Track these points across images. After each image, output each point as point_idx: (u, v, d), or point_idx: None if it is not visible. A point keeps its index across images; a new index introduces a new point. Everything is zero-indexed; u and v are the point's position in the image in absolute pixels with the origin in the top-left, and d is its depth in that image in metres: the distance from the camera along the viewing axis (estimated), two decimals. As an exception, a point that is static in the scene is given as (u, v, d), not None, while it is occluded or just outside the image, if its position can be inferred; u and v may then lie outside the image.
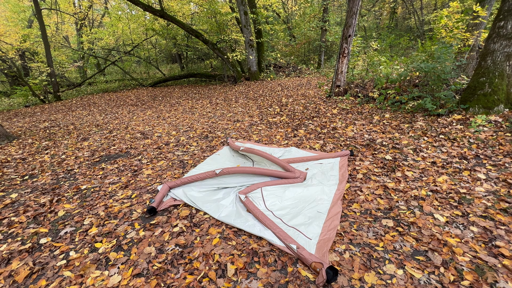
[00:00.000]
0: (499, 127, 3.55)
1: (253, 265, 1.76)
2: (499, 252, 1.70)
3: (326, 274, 1.54)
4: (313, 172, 2.98)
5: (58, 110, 8.85)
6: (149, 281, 1.66)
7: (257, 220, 2.16)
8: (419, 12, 15.03)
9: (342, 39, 6.12)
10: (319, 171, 2.96)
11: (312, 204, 2.36)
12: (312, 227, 2.06)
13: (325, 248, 1.82)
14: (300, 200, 2.44)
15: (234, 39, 11.55)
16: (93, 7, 16.79)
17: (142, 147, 4.33)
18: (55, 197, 2.81)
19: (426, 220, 2.08)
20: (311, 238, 1.94)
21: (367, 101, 5.78)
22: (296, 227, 2.07)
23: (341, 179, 2.75)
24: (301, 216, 2.21)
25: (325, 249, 1.82)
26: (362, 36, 14.32)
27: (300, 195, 2.51)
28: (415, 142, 3.57)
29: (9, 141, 5.10)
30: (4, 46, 11.50)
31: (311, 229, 2.04)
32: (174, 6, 11.60)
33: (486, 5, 5.25)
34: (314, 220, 2.14)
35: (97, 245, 2.03)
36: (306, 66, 13.15)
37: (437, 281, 1.55)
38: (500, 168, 2.71)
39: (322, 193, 2.51)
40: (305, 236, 1.96)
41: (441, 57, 4.62)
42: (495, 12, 5.43)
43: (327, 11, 11.93)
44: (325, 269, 1.57)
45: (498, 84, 3.85)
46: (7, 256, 1.93)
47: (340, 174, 2.85)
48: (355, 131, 4.21)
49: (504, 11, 3.78)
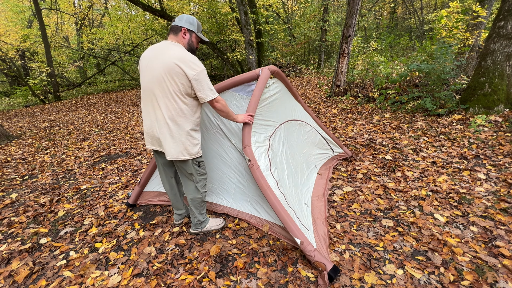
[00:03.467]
0: (499, 127, 3.55)
1: (253, 265, 1.76)
2: (499, 252, 1.70)
3: (328, 277, 1.54)
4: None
5: (58, 110, 8.86)
6: (149, 281, 1.66)
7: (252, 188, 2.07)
8: (419, 12, 15.04)
9: (342, 39, 6.13)
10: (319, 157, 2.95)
11: (304, 193, 2.28)
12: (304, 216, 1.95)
13: (324, 244, 1.79)
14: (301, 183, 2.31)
15: (234, 39, 11.55)
16: (93, 7, 16.79)
17: (142, 147, 4.33)
18: (55, 197, 2.81)
19: (426, 220, 2.08)
20: (308, 229, 1.84)
21: (367, 101, 5.79)
22: (295, 212, 1.86)
23: (323, 174, 2.73)
24: (297, 200, 2.04)
25: (324, 245, 1.78)
26: (362, 36, 14.32)
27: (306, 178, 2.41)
28: (415, 142, 3.57)
29: (9, 141, 5.10)
30: (4, 46, 11.50)
31: (305, 219, 1.91)
32: (174, 6, 11.60)
33: (486, 5, 5.25)
34: (306, 208, 2.05)
35: (97, 245, 2.03)
36: (306, 66, 13.16)
37: (437, 281, 1.55)
38: (500, 168, 2.71)
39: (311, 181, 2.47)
40: (303, 226, 1.81)
41: (441, 57, 4.62)
42: (495, 12, 5.43)
43: (327, 11, 11.94)
44: (327, 272, 1.55)
45: (498, 84, 3.85)
46: (7, 256, 1.93)
47: (324, 167, 2.86)
48: (355, 131, 4.21)
49: (504, 11, 3.79)
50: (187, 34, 1.74)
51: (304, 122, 2.70)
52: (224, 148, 2.17)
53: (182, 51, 1.64)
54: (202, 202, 2.00)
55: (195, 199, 1.95)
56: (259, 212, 2.10)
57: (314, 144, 2.87)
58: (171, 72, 1.60)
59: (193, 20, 1.76)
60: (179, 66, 1.58)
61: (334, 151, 3.10)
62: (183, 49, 1.68)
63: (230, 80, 2.07)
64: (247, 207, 2.17)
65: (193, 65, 1.61)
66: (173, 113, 1.68)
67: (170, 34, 1.75)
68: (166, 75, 1.62)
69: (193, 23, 1.75)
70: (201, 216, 2.03)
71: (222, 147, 2.18)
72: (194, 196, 1.94)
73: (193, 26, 1.75)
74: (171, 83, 1.62)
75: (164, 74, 1.62)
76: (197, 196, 1.94)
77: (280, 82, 2.38)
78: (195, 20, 1.77)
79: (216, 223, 2.14)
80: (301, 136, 2.68)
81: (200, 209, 2.01)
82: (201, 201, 1.98)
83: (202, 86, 1.64)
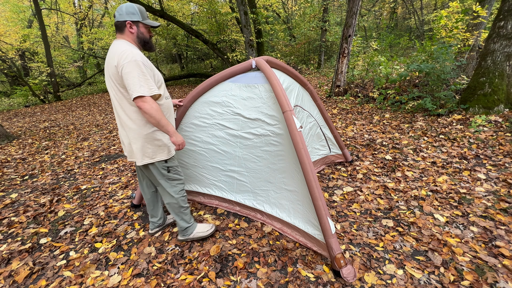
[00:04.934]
0: (499, 127, 3.55)
1: (253, 265, 1.76)
2: (499, 252, 1.70)
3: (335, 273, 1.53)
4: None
5: (58, 110, 8.86)
6: (149, 281, 1.66)
7: None
8: (419, 12, 15.04)
9: (342, 39, 6.13)
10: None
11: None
12: None
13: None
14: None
15: (234, 39, 11.55)
16: (93, 7, 16.78)
17: (142, 147, 4.33)
18: (55, 197, 2.81)
19: (426, 220, 2.08)
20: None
21: (367, 101, 5.79)
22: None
23: None
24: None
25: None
26: (362, 36, 14.32)
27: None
28: (415, 142, 3.57)
29: (9, 141, 5.10)
30: (4, 46, 11.50)
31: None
32: (174, 6, 11.60)
33: (486, 5, 5.25)
34: None
35: (97, 245, 2.03)
36: (306, 66, 13.15)
37: (437, 281, 1.55)
38: (500, 168, 2.71)
39: None
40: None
41: (441, 57, 4.62)
42: (495, 12, 5.43)
43: (327, 11, 11.93)
44: (348, 273, 1.53)
45: (498, 84, 3.85)
46: (7, 256, 1.93)
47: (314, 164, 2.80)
48: (355, 131, 4.21)
49: (504, 11, 3.79)
50: (134, 27, 1.55)
51: (307, 112, 2.62)
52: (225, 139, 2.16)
53: (120, 47, 1.47)
54: (181, 208, 1.85)
55: (171, 204, 1.82)
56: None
57: (314, 138, 2.81)
58: (114, 73, 1.48)
59: (134, 8, 1.54)
60: (114, 65, 1.45)
61: (331, 151, 3.05)
62: (123, 45, 1.49)
63: (225, 71, 2.08)
64: (251, 201, 2.17)
65: (122, 57, 1.42)
66: (129, 115, 1.56)
67: (116, 33, 1.57)
68: (110, 78, 1.51)
69: (135, 12, 1.54)
70: (183, 222, 1.88)
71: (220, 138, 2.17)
72: (169, 201, 1.82)
73: (137, 15, 1.54)
74: (116, 85, 1.50)
75: (109, 77, 1.52)
76: (172, 201, 1.81)
77: (281, 73, 2.28)
78: (135, 7, 1.54)
79: (204, 229, 1.99)
80: (305, 126, 2.60)
81: (180, 215, 1.86)
82: (179, 206, 1.83)
83: (129, 81, 1.42)
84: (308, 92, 2.65)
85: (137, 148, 1.61)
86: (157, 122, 1.51)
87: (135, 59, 1.42)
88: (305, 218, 1.84)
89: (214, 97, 2.13)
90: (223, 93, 2.09)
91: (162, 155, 1.68)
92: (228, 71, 2.06)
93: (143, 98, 1.44)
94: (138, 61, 1.43)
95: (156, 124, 1.52)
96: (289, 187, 1.93)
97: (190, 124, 2.24)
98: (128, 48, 1.46)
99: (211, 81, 2.11)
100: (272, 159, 1.98)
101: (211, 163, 2.26)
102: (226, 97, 2.08)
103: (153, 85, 1.49)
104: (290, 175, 1.90)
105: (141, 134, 1.58)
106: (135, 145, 1.62)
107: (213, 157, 2.23)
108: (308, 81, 2.65)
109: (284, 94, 1.77)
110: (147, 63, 1.52)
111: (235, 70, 2.05)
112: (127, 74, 1.41)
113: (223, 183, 2.27)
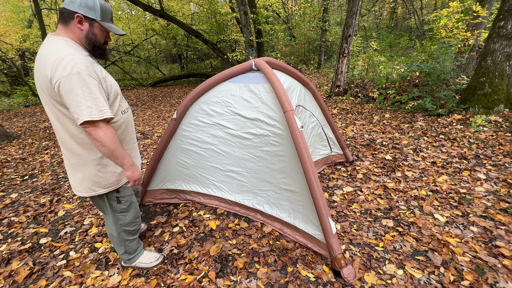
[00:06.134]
0: (499, 127, 3.55)
1: (253, 265, 1.76)
2: (499, 252, 1.70)
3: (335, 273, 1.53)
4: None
5: (58, 110, 8.84)
6: (149, 281, 1.66)
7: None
8: (419, 12, 15.03)
9: (342, 39, 6.13)
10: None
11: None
12: None
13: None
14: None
15: (234, 39, 11.55)
16: (93, 7, 16.77)
17: (142, 147, 4.33)
18: (55, 197, 2.81)
19: (426, 220, 2.08)
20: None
21: (367, 101, 5.79)
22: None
23: None
24: None
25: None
26: (362, 36, 14.32)
27: None
28: (415, 142, 3.57)
29: (9, 141, 5.09)
30: (4, 46, 11.50)
31: None
32: (174, 6, 11.61)
33: (486, 5, 5.25)
34: None
35: (97, 245, 2.03)
36: (306, 66, 13.15)
37: (437, 281, 1.55)
38: (500, 168, 2.71)
39: None
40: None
41: (441, 57, 4.62)
42: (495, 12, 5.43)
43: (327, 11, 11.92)
44: (348, 273, 1.53)
45: (498, 84, 3.85)
46: (7, 256, 1.93)
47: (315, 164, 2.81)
48: (355, 131, 4.21)
49: (504, 11, 3.79)
50: (85, 23, 1.19)
51: (310, 112, 2.60)
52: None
53: (56, 50, 1.10)
54: (126, 241, 1.61)
55: (111, 236, 1.58)
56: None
57: (316, 138, 2.79)
58: (47, 86, 1.13)
59: (94, 2, 1.19)
60: (47, 76, 1.09)
61: (333, 150, 3.06)
62: (61, 46, 1.12)
63: (225, 72, 2.08)
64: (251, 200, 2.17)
65: (58, 67, 1.07)
66: (68, 138, 1.24)
67: (58, 23, 1.19)
68: (42, 89, 1.16)
69: (94, 7, 1.18)
70: (125, 255, 1.69)
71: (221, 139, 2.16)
72: (109, 232, 1.57)
73: (94, 12, 1.19)
74: (52, 101, 1.16)
75: (40, 88, 1.16)
76: (113, 234, 1.57)
77: (282, 73, 2.27)
78: (97, 2, 1.19)
79: (149, 259, 1.74)
80: (307, 126, 2.58)
81: (120, 249, 1.64)
82: (123, 239, 1.59)
83: (71, 101, 1.09)
84: (310, 92, 2.65)
85: (80, 176, 1.31)
86: (111, 152, 1.21)
87: (78, 71, 1.08)
88: (305, 218, 1.83)
89: (214, 97, 2.13)
90: (223, 93, 2.09)
91: (116, 181, 1.38)
92: (228, 72, 2.07)
93: (95, 124, 1.13)
94: (82, 73, 1.09)
95: (109, 154, 1.22)
96: (289, 187, 1.92)
97: (190, 124, 2.24)
98: (68, 53, 1.09)
99: (211, 81, 2.11)
100: (272, 159, 1.98)
101: (211, 163, 2.26)
102: (226, 97, 2.08)
103: (104, 105, 1.15)
104: (290, 175, 1.90)
105: (89, 159, 1.28)
106: (81, 172, 1.30)
107: (213, 157, 2.23)
108: (310, 81, 2.64)
109: (285, 93, 1.77)
110: (95, 73, 1.17)
111: (235, 70, 2.05)
112: (68, 93, 1.08)
113: (222, 183, 2.27)
